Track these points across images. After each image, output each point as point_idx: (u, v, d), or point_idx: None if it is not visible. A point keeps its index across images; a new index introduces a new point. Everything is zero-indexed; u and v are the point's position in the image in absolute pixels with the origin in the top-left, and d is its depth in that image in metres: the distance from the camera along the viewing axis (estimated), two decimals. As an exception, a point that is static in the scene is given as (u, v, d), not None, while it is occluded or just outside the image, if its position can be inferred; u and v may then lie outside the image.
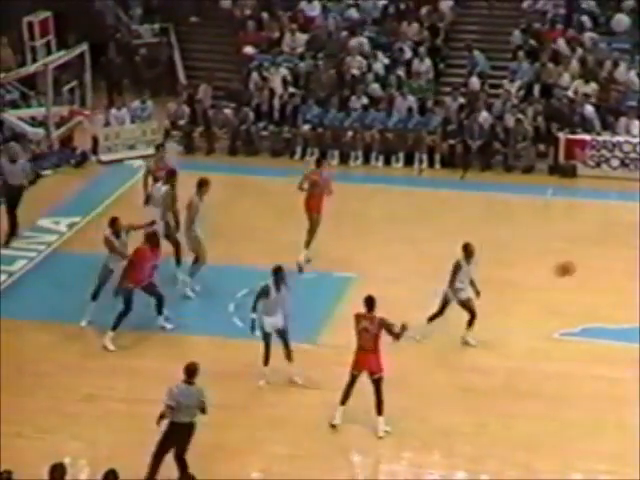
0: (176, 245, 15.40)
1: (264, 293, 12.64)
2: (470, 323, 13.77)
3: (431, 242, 16.65)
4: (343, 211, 17.43)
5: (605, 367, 13.23)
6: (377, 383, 11.89)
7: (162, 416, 10.69)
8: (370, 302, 11.87)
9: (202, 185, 14.95)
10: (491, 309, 14.50)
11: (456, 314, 14.14)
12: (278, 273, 12.66)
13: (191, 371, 10.71)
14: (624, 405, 12.45)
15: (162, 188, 15.51)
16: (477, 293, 13.75)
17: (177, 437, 10.75)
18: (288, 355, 12.87)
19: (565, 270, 13.23)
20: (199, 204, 14.83)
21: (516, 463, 11.47)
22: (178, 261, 15.45)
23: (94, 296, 14.42)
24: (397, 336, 11.81)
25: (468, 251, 13.67)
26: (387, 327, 11.79)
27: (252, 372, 13.00)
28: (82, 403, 12.61)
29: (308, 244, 15.90)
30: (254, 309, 12.74)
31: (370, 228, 17.49)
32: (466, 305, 13.70)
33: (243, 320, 14.04)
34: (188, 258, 15.32)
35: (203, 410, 10.73)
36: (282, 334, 12.83)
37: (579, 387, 12.85)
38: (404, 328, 11.78)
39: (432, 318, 13.82)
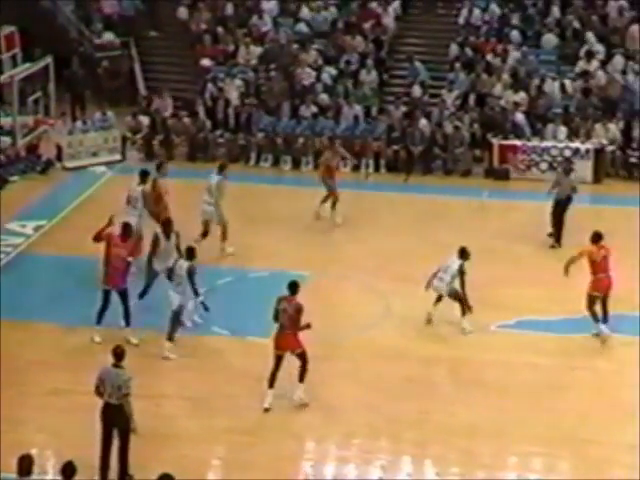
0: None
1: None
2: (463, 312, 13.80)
3: (378, 241, 16.64)
4: (296, 214, 17.34)
5: (538, 356, 13.27)
6: (301, 356, 11.97)
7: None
8: (293, 287, 11.96)
9: (166, 225, 14.26)
10: (433, 302, 14.53)
11: (399, 310, 14.15)
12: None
13: (118, 354, 10.58)
14: (556, 391, 12.51)
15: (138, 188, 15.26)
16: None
17: (109, 418, 10.56)
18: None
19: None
20: (164, 242, 14.18)
21: (458, 448, 11.45)
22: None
23: (141, 296, 14.05)
24: (299, 328, 11.83)
25: (466, 254, 13.74)
26: (298, 314, 11.78)
27: (211, 366, 12.83)
28: (48, 397, 12.40)
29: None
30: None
31: (322, 229, 17.42)
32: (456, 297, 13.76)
33: (202, 317, 13.90)
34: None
35: (124, 395, 10.47)
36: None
37: (515, 376, 12.87)
38: (308, 326, 11.86)
39: (463, 311, 13.76)
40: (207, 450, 11.49)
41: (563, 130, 20.19)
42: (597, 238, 13.57)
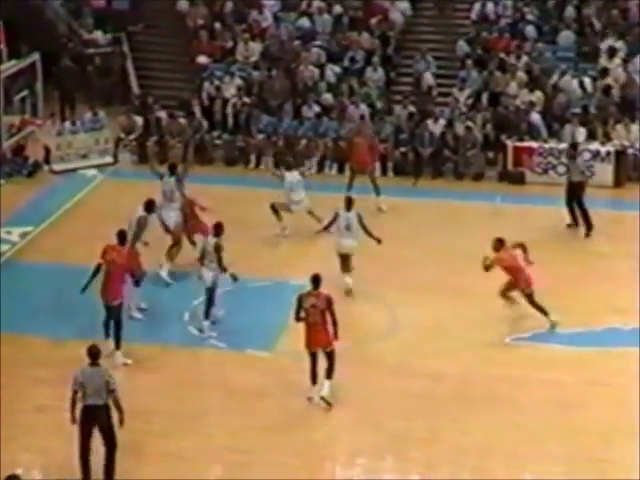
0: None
1: None
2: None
3: (384, 248, 16.66)
4: (297, 220, 17.40)
5: (555, 371, 13.31)
6: (330, 355, 12.39)
7: (73, 405, 10.64)
8: (316, 280, 12.40)
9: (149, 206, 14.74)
10: (443, 315, 14.58)
11: (407, 322, 14.18)
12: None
13: (94, 354, 10.72)
14: (573, 409, 12.53)
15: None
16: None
17: (92, 420, 10.65)
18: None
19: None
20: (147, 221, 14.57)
21: (470, 468, 11.49)
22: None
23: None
24: (334, 323, 12.33)
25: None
26: (330, 305, 12.32)
27: (206, 380, 12.89)
28: (35, 414, 12.43)
29: None
30: None
31: (324, 235, 17.44)
32: None
33: (198, 329, 13.96)
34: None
35: (111, 391, 10.61)
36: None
37: (530, 391, 12.90)
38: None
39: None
40: (203, 470, 11.52)
41: (582, 131, 20.22)
42: (499, 245, 14.33)
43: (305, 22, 23.91)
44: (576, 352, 13.78)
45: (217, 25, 24.15)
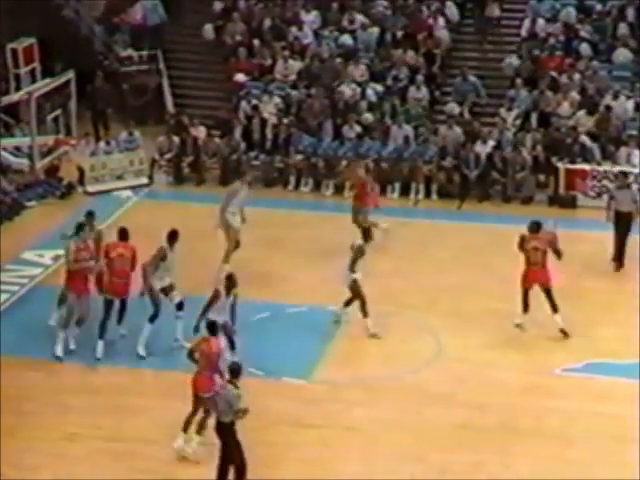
0: None
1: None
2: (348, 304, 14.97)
3: (427, 274, 16.74)
4: (338, 243, 17.51)
5: (608, 404, 13.27)
6: (548, 292, 14.50)
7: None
8: (536, 226, 14.78)
9: (172, 237, 14.77)
10: (491, 342, 14.62)
11: (451, 349, 14.21)
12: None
13: (236, 371, 11.32)
14: (626, 443, 12.47)
15: None
16: None
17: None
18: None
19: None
20: (169, 253, 14.67)
21: (516, 503, 11.52)
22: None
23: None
24: (559, 254, 14.61)
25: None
26: (554, 245, 14.50)
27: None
28: (66, 442, 12.61)
29: None
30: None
31: (366, 261, 17.53)
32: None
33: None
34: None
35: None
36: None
37: (581, 424, 12.89)
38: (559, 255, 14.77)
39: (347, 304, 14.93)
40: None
41: (637, 154, 20.17)
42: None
43: (347, 39, 24.16)
44: (630, 384, 13.71)
45: (255, 42, 24.45)
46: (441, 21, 24.05)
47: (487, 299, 15.77)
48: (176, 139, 21.77)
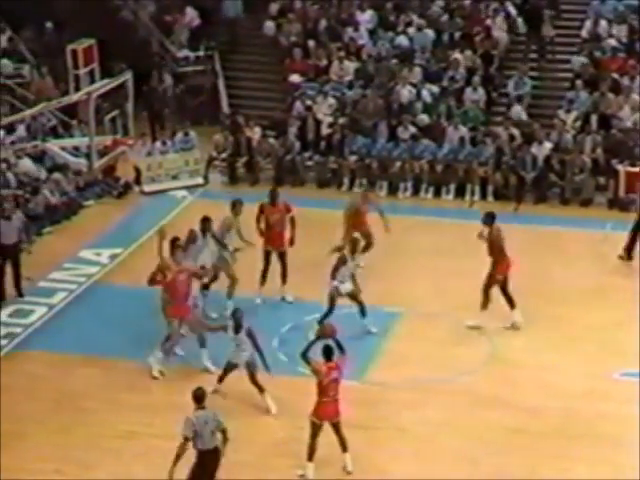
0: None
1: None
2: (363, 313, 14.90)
3: (481, 276, 16.73)
4: (391, 243, 17.59)
5: (665, 409, 13.20)
6: (504, 290, 14.74)
7: (178, 455, 10.84)
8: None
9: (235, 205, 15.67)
10: (543, 346, 14.61)
11: (505, 352, 14.19)
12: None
13: (199, 397, 11.04)
14: (684, 449, 12.42)
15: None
16: None
17: (208, 465, 10.95)
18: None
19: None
20: (233, 222, 15.20)
21: (570, 508, 11.52)
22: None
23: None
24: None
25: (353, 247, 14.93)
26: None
27: (296, 410, 13.17)
28: (122, 439, 12.83)
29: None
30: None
31: (418, 261, 17.63)
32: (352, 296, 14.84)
33: (287, 355, 14.28)
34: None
35: (224, 431, 10.94)
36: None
37: (637, 430, 12.79)
38: None
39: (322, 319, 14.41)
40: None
41: (699, 156, 20.02)
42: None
43: (403, 40, 24.21)
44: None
45: (311, 43, 24.62)
46: (499, 21, 23.99)
47: (541, 301, 15.74)
48: (231, 139, 22.02)
